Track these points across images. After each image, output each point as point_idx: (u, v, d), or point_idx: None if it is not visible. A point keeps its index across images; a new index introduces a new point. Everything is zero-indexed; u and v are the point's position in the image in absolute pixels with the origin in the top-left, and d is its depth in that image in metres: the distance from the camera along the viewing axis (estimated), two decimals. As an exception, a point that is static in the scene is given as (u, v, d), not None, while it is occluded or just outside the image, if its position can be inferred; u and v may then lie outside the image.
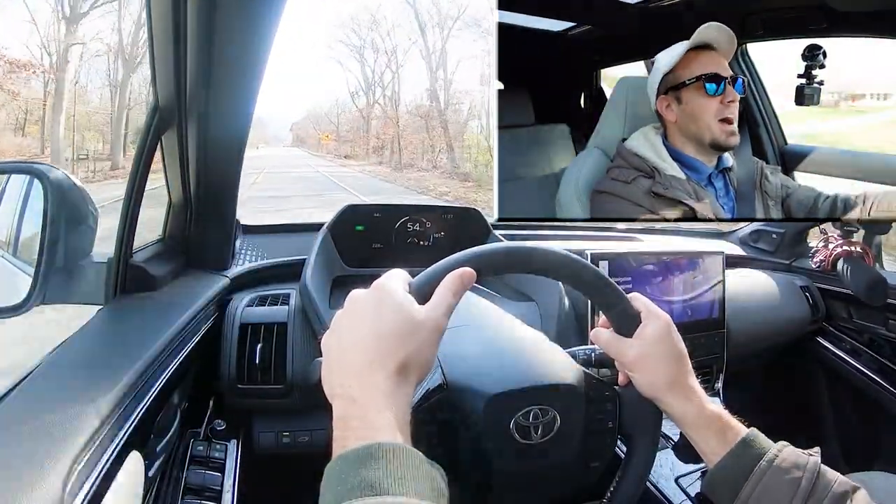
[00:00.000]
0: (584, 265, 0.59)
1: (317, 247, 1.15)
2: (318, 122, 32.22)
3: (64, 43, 13.55)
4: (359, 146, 26.16)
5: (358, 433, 0.41)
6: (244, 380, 0.97)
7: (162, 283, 0.97)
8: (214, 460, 0.86)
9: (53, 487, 0.45)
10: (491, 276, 0.62)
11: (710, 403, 0.59)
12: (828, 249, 1.46)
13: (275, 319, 1.02)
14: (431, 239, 1.29)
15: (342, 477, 0.38)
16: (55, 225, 0.82)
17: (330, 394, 0.47)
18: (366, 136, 25.43)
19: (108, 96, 15.20)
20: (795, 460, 0.55)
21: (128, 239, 0.89)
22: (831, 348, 1.56)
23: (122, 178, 12.29)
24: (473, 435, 0.56)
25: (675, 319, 0.62)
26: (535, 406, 0.57)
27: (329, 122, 29.85)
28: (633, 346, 0.60)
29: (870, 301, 1.36)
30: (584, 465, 0.62)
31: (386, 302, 0.48)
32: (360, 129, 25.93)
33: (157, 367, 0.72)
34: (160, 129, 0.89)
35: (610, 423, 0.62)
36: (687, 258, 1.23)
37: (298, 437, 1.00)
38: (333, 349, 0.48)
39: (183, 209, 1.03)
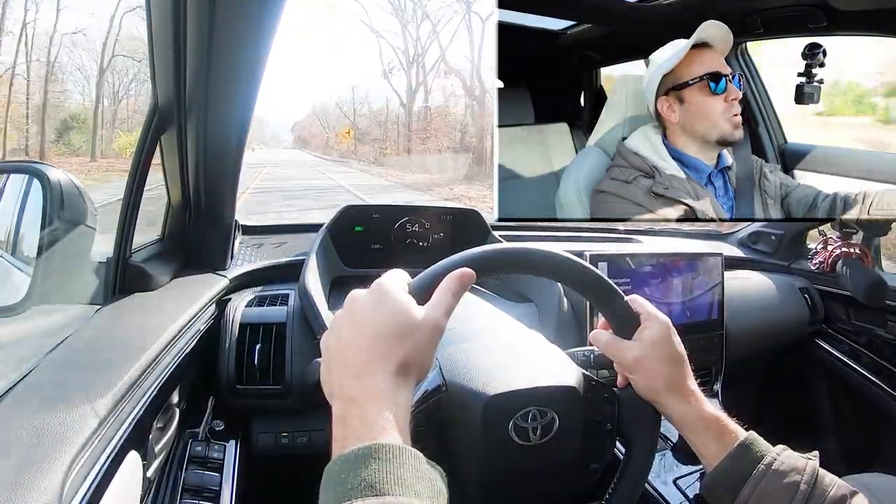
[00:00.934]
0: (584, 266, 0.59)
1: (316, 247, 1.15)
2: (326, 117, 29.27)
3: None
4: (391, 145, 21.43)
5: (357, 433, 0.41)
6: (243, 380, 0.97)
7: (161, 283, 0.97)
8: (213, 461, 0.86)
9: (51, 488, 0.45)
10: (490, 277, 0.62)
11: (709, 406, 0.59)
12: (827, 251, 1.47)
13: (274, 320, 1.02)
14: (430, 240, 1.29)
15: (342, 477, 0.38)
16: (54, 224, 0.82)
17: (329, 394, 0.47)
18: (407, 133, 20.58)
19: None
20: (794, 464, 0.55)
21: (127, 239, 0.89)
22: (830, 350, 1.56)
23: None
24: (472, 436, 0.56)
25: (674, 321, 0.62)
26: (533, 407, 0.57)
27: (343, 116, 26.22)
28: (632, 347, 0.60)
29: (869, 303, 1.37)
30: (582, 467, 0.62)
31: (385, 302, 0.48)
32: (391, 122, 21.59)
33: (156, 367, 0.72)
34: (160, 128, 0.89)
35: (609, 425, 0.62)
36: (686, 260, 1.23)
37: (297, 437, 1.00)
38: (333, 349, 0.48)
39: (182, 209, 1.04)
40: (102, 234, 0.89)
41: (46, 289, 0.83)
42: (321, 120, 30.77)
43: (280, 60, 38.89)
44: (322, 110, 31.30)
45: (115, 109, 20.05)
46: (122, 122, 19.86)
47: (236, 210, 1.12)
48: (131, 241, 0.90)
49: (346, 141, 24.90)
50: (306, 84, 56.38)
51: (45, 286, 0.83)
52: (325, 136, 28.60)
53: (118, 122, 19.88)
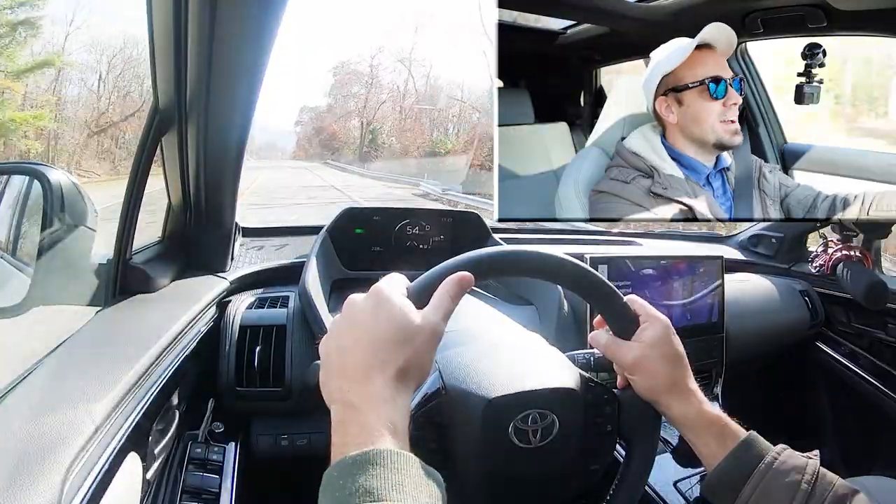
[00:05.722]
0: (583, 269, 0.59)
1: (316, 249, 1.15)
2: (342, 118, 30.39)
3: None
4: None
5: (357, 439, 0.41)
6: (243, 382, 0.97)
7: (161, 285, 0.97)
8: (212, 463, 0.86)
9: (51, 489, 0.45)
10: (489, 279, 0.62)
11: (710, 406, 0.59)
12: (827, 254, 1.46)
13: (274, 322, 1.02)
14: (430, 242, 1.29)
15: (340, 483, 0.38)
16: (54, 225, 0.82)
17: (328, 398, 0.47)
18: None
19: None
20: (795, 463, 0.54)
21: (127, 240, 0.89)
22: (830, 352, 1.56)
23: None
24: (472, 439, 0.56)
25: (675, 323, 0.62)
26: (534, 410, 0.57)
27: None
28: (632, 348, 0.60)
29: (869, 305, 1.36)
30: (582, 469, 0.62)
31: (384, 307, 0.48)
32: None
33: (156, 368, 0.72)
34: (160, 130, 0.89)
35: (609, 427, 0.62)
36: (686, 262, 1.23)
37: (297, 440, 1.00)
38: (332, 354, 0.48)
39: (182, 211, 1.04)
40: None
41: (47, 290, 0.83)
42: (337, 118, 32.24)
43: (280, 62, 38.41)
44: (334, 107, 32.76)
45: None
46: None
47: (236, 212, 1.12)
48: (132, 243, 0.91)
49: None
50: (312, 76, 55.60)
51: (46, 287, 0.83)
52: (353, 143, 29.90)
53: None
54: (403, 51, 33.94)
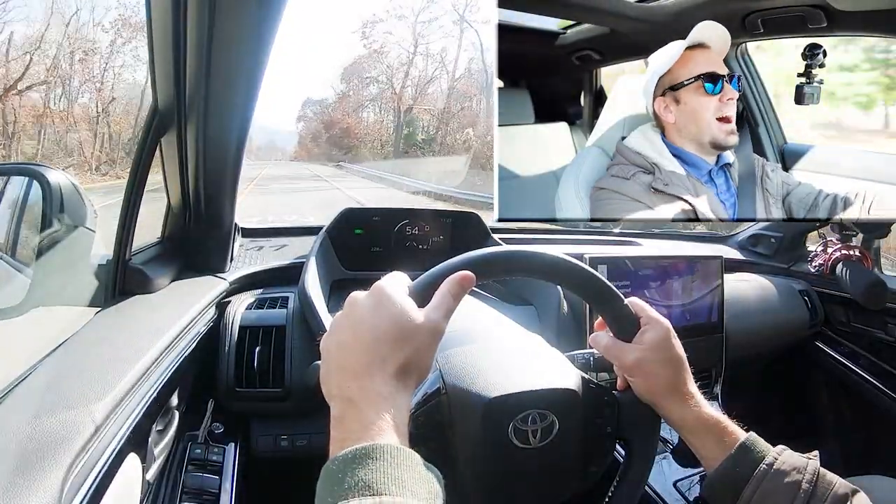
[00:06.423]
0: (583, 269, 0.59)
1: (316, 250, 1.15)
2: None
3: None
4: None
5: (356, 434, 0.41)
6: (242, 383, 0.97)
7: (160, 286, 0.96)
8: (212, 463, 0.86)
9: (51, 490, 0.45)
10: (490, 279, 0.61)
11: (709, 408, 0.59)
12: (827, 253, 1.46)
13: (273, 322, 1.02)
14: (430, 243, 1.29)
15: (339, 477, 0.38)
16: (53, 226, 0.82)
17: (328, 395, 0.47)
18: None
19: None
20: (795, 463, 0.54)
21: (126, 241, 0.89)
22: (830, 352, 1.56)
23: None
24: (472, 439, 0.56)
25: (674, 323, 0.62)
26: (533, 410, 0.57)
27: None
28: (632, 350, 0.60)
29: (868, 305, 1.37)
30: (582, 470, 0.61)
31: (385, 304, 0.48)
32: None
33: (156, 369, 0.72)
34: (159, 131, 0.89)
35: (608, 428, 0.62)
36: (685, 262, 1.23)
37: (297, 440, 1.00)
38: (332, 351, 0.48)
39: (181, 211, 1.03)
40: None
41: (46, 291, 0.83)
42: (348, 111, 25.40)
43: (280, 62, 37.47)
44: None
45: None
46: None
47: (236, 212, 1.12)
48: (131, 243, 0.90)
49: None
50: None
51: (45, 288, 0.83)
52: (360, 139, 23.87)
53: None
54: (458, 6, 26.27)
